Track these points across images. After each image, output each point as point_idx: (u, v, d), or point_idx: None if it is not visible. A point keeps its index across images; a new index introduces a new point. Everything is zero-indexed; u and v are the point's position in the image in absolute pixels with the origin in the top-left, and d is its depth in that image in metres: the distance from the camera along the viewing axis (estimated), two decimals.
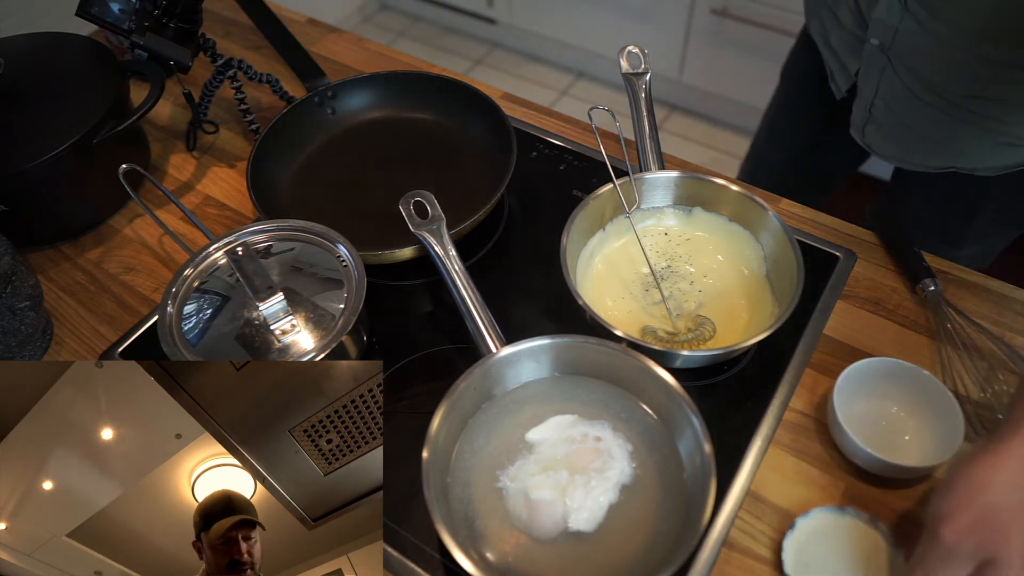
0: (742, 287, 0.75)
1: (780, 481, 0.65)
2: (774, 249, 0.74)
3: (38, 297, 0.76)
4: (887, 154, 0.94)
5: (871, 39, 0.85)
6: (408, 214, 0.73)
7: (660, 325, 0.73)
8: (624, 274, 0.77)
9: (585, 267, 0.76)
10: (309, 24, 1.15)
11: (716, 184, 0.77)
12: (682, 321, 0.73)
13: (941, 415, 0.64)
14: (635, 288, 0.76)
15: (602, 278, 0.76)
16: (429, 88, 0.94)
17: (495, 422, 0.65)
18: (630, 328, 0.71)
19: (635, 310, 0.74)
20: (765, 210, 0.73)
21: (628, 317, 0.74)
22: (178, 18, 0.86)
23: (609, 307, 0.74)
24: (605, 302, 0.75)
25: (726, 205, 0.77)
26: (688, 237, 0.79)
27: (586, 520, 0.59)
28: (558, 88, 2.47)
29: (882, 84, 0.87)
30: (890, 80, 0.86)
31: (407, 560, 0.62)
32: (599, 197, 0.75)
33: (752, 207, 0.75)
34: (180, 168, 0.96)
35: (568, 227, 0.72)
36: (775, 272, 0.74)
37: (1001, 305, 0.76)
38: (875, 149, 0.95)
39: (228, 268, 0.70)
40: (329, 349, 0.65)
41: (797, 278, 0.68)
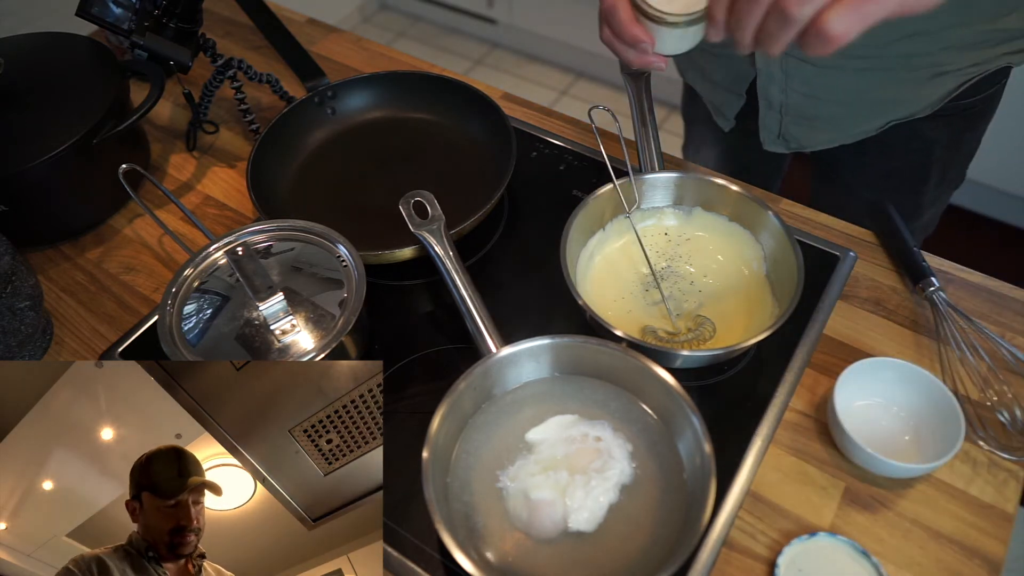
0: (742, 287, 0.75)
1: (780, 481, 0.65)
2: (774, 249, 0.73)
3: (38, 297, 0.76)
4: (822, 141, 0.94)
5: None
6: (408, 214, 0.73)
7: (660, 325, 0.73)
8: (624, 274, 0.77)
9: (585, 267, 0.76)
10: (309, 24, 1.15)
11: (716, 184, 0.77)
12: (682, 321, 0.73)
13: (941, 415, 0.64)
14: (635, 288, 0.76)
15: (602, 278, 0.76)
16: (429, 88, 0.94)
17: (495, 422, 0.65)
18: (630, 328, 0.71)
19: (635, 310, 0.74)
20: (765, 210, 0.73)
21: (628, 317, 0.74)
22: (178, 18, 0.86)
23: (609, 307, 0.74)
24: (605, 302, 0.75)
25: (726, 205, 0.77)
26: (688, 237, 0.79)
27: (586, 520, 0.59)
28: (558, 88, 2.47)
29: (789, 81, 0.87)
30: (797, 71, 0.86)
31: (407, 560, 0.62)
32: (599, 197, 0.75)
33: (752, 207, 0.75)
34: (180, 168, 0.96)
35: (568, 227, 0.72)
36: (775, 272, 0.74)
37: (1001, 305, 0.76)
38: (806, 144, 0.95)
39: (228, 268, 0.70)
40: (329, 349, 0.65)
41: (797, 278, 0.68)
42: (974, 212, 2.04)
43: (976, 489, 0.64)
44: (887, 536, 0.62)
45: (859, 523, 0.63)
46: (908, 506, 0.63)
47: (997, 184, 1.93)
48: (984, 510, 0.63)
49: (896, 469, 0.62)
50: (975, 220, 2.03)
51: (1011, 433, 0.66)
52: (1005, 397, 0.67)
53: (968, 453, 0.66)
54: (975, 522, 0.62)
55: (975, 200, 2.02)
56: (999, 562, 0.60)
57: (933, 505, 0.63)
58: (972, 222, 2.03)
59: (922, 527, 0.62)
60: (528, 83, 2.50)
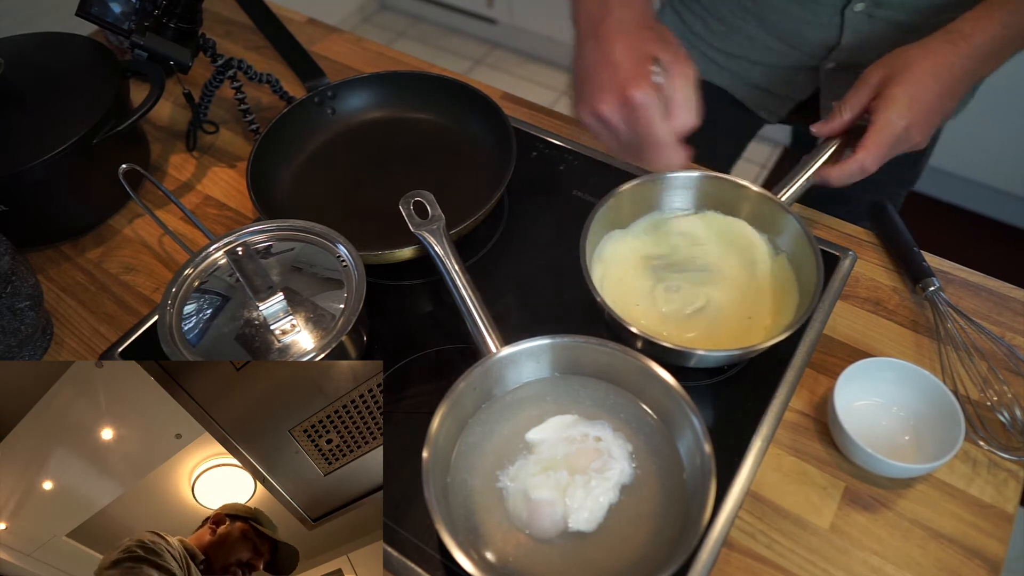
0: (758, 288, 0.74)
1: (780, 481, 0.65)
2: (792, 249, 0.73)
3: (38, 297, 0.76)
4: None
5: (827, 64, 0.89)
6: (408, 214, 0.73)
7: (674, 324, 0.73)
8: (638, 273, 0.76)
9: (600, 266, 0.75)
10: (309, 24, 1.15)
11: (734, 184, 0.76)
12: (696, 321, 0.73)
13: (941, 415, 0.64)
14: (648, 287, 0.75)
15: (616, 277, 0.76)
16: (429, 88, 0.94)
17: (495, 422, 0.65)
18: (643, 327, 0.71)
19: (648, 309, 0.74)
20: (784, 211, 0.73)
21: (642, 315, 0.73)
22: (178, 18, 0.86)
23: (623, 306, 0.74)
24: (618, 301, 0.74)
25: (743, 206, 0.77)
26: (704, 237, 0.78)
27: (586, 520, 0.59)
28: (558, 88, 2.47)
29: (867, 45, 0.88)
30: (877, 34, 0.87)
31: (407, 560, 0.62)
32: (618, 195, 0.75)
33: (771, 208, 0.74)
34: (180, 168, 0.96)
35: (587, 227, 0.71)
36: (793, 272, 0.73)
37: (1001, 305, 0.76)
38: None
39: (228, 268, 0.70)
40: (329, 349, 0.65)
41: (817, 278, 0.67)
42: (974, 212, 2.04)
43: (976, 489, 0.64)
44: (887, 536, 0.62)
45: (859, 523, 0.63)
46: (908, 506, 0.63)
47: (997, 184, 1.93)
48: (984, 510, 0.63)
49: (896, 469, 0.62)
50: (975, 220, 2.04)
51: (1011, 433, 0.66)
52: (1005, 397, 0.67)
53: (968, 453, 0.66)
54: (975, 522, 0.62)
55: (975, 200, 2.02)
56: (999, 562, 0.60)
57: (933, 505, 0.63)
58: (972, 222, 2.03)
59: (922, 527, 0.62)
60: (528, 83, 2.51)
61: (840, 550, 0.61)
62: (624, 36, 0.63)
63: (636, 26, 0.64)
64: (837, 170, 0.73)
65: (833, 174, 0.73)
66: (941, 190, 2.05)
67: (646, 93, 0.61)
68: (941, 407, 0.64)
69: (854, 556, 0.61)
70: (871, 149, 0.70)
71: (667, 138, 0.62)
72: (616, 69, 0.62)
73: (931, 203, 2.06)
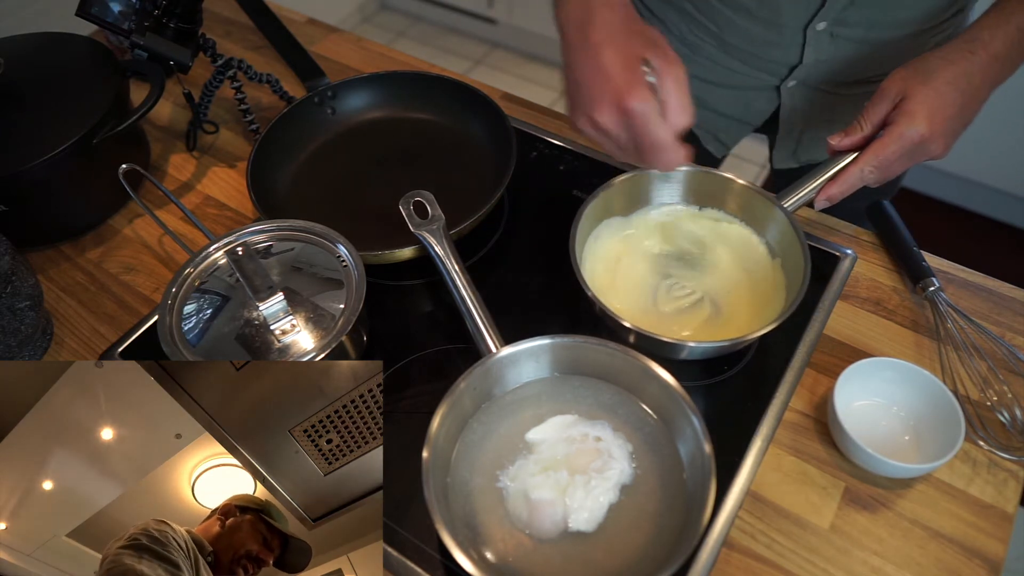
0: (749, 281, 0.75)
1: (780, 481, 0.65)
2: (781, 242, 0.74)
3: (38, 297, 0.76)
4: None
5: (788, 82, 0.90)
6: (408, 214, 0.73)
7: (666, 318, 0.73)
8: (630, 268, 0.77)
9: (591, 260, 0.76)
10: (309, 24, 1.15)
11: (723, 178, 0.77)
12: (687, 314, 0.73)
13: (941, 415, 0.64)
14: (641, 281, 0.76)
15: (608, 271, 0.76)
16: (429, 88, 0.94)
17: (495, 422, 0.65)
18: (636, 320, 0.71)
19: (641, 303, 0.74)
20: (773, 204, 0.73)
21: (634, 309, 0.74)
22: (178, 18, 0.86)
23: (615, 300, 0.74)
24: (611, 295, 0.75)
25: (733, 200, 0.78)
26: (695, 231, 0.79)
27: (586, 520, 0.59)
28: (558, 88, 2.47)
29: (816, 111, 0.89)
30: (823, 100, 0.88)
31: (407, 560, 0.62)
32: (608, 189, 0.75)
33: (759, 201, 0.75)
34: (180, 168, 0.96)
35: (576, 221, 0.72)
36: (782, 265, 0.74)
37: (1001, 305, 0.76)
38: (816, 159, 0.99)
39: (228, 268, 0.70)
40: (329, 349, 0.65)
41: (804, 270, 0.68)
42: (974, 212, 2.04)
43: (976, 489, 0.64)
44: (887, 536, 0.62)
45: (859, 523, 0.63)
46: (908, 506, 0.63)
47: (997, 184, 1.93)
48: (984, 510, 0.63)
49: (896, 469, 0.62)
50: (975, 220, 2.04)
51: (1011, 433, 0.66)
52: (1005, 397, 0.67)
53: (968, 453, 0.66)
54: (975, 522, 0.62)
55: (975, 200, 2.02)
56: (999, 562, 0.60)
57: (933, 505, 0.63)
58: (972, 222, 2.03)
59: (922, 527, 0.62)
60: (528, 83, 2.51)
61: (840, 550, 0.61)
62: (612, 41, 0.62)
63: (623, 30, 0.63)
64: (837, 184, 0.72)
65: (834, 188, 0.72)
66: (941, 190, 2.05)
67: (642, 100, 0.60)
68: (941, 407, 0.64)
69: (854, 556, 0.61)
70: (867, 157, 0.70)
71: (667, 140, 0.62)
72: (609, 78, 0.61)
73: (931, 203, 2.06)
